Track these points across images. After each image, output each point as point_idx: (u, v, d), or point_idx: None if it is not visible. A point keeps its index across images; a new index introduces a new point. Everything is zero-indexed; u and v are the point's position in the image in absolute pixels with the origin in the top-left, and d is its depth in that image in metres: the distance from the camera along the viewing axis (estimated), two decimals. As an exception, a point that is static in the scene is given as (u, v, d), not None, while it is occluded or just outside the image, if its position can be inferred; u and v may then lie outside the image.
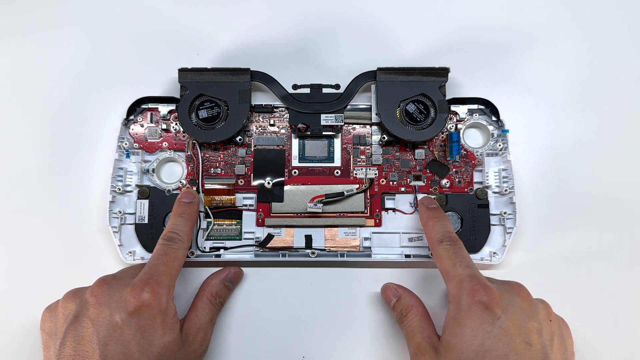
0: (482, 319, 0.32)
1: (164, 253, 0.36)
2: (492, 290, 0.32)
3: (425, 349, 0.34)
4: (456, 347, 0.32)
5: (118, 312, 0.32)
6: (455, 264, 0.34)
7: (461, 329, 0.32)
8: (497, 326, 0.31)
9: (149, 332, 0.33)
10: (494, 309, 0.32)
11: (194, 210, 0.39)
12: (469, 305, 0.32)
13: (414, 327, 0.36)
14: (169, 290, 0.35)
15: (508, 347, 0.31)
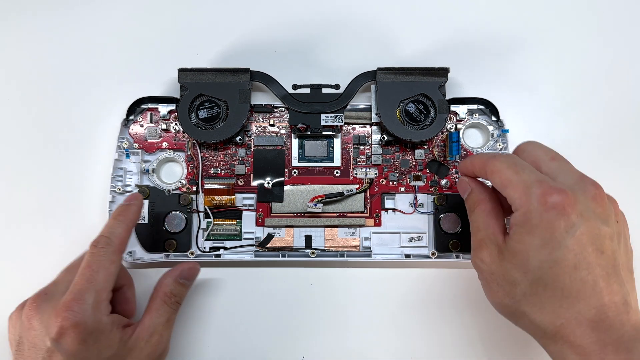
0: (554, 228, 0.28)
1: (87, 265, 0.33)
2: (567, 193, 0.29)
3: (486, 245, 0.32)
4: (521, 254, 0.29)
5: (47, 337, 0.31)
6: (517, 172, 0.30)
7: (530, 237, 0.29)
8: (571, 235, 0.28)
9: (81, 355, 0.31)
10: (570, 215, 0.28)
11: (132, 211, 0.37)
12: (540, 212, 0.29)
13: (479, 223, 0.33)
14: (96, 307, 0.32)
15: (579, 257, 0.28)
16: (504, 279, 0.30)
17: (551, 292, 0.29)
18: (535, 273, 0.29)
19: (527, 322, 0.30)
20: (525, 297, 0.29)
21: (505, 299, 0.31)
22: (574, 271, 0.28)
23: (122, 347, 0.33)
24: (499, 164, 0.31)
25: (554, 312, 0.29)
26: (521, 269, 0.29)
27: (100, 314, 0.33)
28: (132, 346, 0.34)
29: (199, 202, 0.42)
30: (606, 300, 0.28)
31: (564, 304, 0.28)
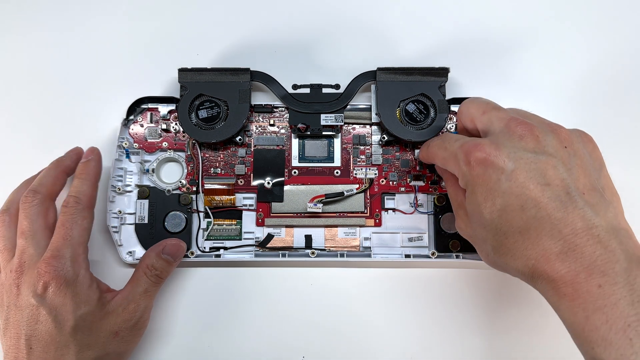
0: (486, 180, 0.29)
1: (61, 224, 0.36)
2: (486, 145, 0.30)
3: (457, 213, 0.35)
4: (475, 214, 0.31)
5: (32, 295, 0.34)
6: (445, 147, 0.33)
7: (474, 197, 0.30)
8: (505, 179, 0.29)
9: (61, 308, 0.34)
10: (495, 163, 0.29)
11: (92, 167, 0.39)
12: (469, 172, 0.30)
13: (451, 194, 0.36)
14: (74, 261, 0.35)
15: (522, 197, 0.28)
16: (476, 239, 0.32)
17: (512, 238, 0.29)
18: (491, 225, 0.30)
19: (511, 271, 0.31)
20: (496, 250, 0.30)
21: (488, 256, 0.32)
22: (522, 212, 0.28)
23: (99, 307, 0.36)
24: (432, 148, 0.35)
25: (523, 255, 0.29)
26: (481, 226, 0.31)
27: (78, 267, 0.35)
28: (109, 310, 0.36)
29: (199, 202, 0.42)
30: (567, 231, 0.27)
31: (528, 245, 0.28)
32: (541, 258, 0.28)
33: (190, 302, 0.42)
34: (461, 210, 0.34)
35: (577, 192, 0.28)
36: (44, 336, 0.34)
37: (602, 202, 0.29)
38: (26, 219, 0.36)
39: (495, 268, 0.32)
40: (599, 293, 0.26)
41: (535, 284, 0.29)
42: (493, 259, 0.31)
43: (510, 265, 0.30)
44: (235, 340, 0.41)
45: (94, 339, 0.35)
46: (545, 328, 0.42)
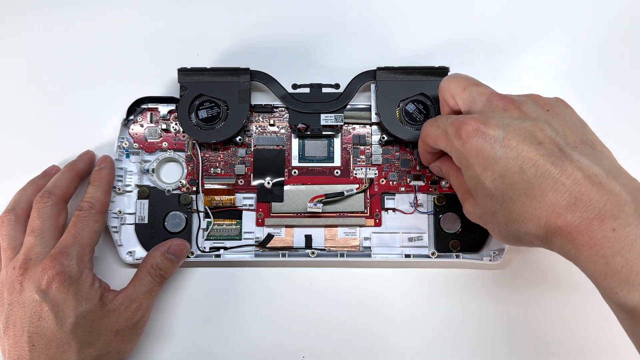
0: (481, 150, 0.30)
1: (73, 224, 0.37)
2: (474, 119, 0.31)
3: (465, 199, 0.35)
4: (478, 188, 0.31)
5: (35, 291, 0.34)
6: (436, 125, 0.33)
7: (472, 171, 0.31)
8: (499, 146, 0.29)
9: (63, 304, 0.35)
10: (486, 133, 0.30)
11: (106, 174, 0.40)
12: (462, 146, 0.31)
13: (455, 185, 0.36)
14: (80, 260, 0.36)
15: (519, 159, 0.29)
16: (487, 215, 0.32)
17: (519, 201, 0.29)
18: (496, 194, 0.30)
19: (527, 238, 0.30)
20: (507, 219, 0.30)
21: (502, 230, 0.32)
22: (523, 173, 0.29)
23: (100, 306, 0.36)
24: (425, 129, 0.35)
25: (533, 216, 0.29)
26: (487, 198, 0.31)
27: (83, 266, 0.36)
28: (111, 308, 0.36)
29: (199, 202, 0.42)
30: (569, 182, 0.28)
31: (536, 205, 0.28)
32: (551, 214, 0.28)
33: (190, 302, 0.42)
34: (467, 195, 0.34)
35: (569, 147, 0.29)
36: (46, 333, 0.34)
37: (595, 152, 0.29)
38: (38, 217, 0.37)
39: (510, 243, 0.32)
40: (614, 237, 0.26)
41: (552, 244, 0.29)
42: (507, 231, 0.31)
43: (523, 231, 0.29)
44: (235, 340, 0.41)
45: (95, 337, 0.35)
46: (545, 328, 0.42)
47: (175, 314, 0.42)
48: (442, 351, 0.41)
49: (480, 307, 0.42)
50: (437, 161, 0.38)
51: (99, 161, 0.41)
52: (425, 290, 0.42)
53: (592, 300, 0.42)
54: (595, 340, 0.41)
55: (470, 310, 0.42)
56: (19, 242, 0.37)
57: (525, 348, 0.41)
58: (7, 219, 0.38)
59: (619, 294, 0.26)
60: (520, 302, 0.42)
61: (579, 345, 0.41)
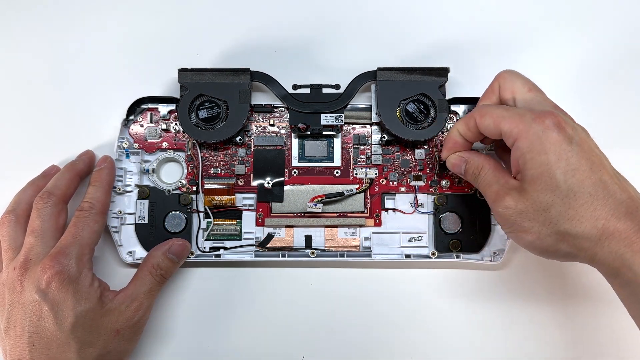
0: (560, 141, 0.31)
1: (73, 224, 0.37)
2: (555, 113, 0.32)
3: (505, 193, 0.33)
4: (544, 176, 0.31)
5: (35, 290, 0.35)
6: (507, 108, 0.33)
7: (544, 157, 0.31)
8: (575, 145, 0.31)
9: (62, 304, 0.35)
10: (566, 129, 0.31)
11: (106, 174, 0.40)
12: (543, 131, 0.31)
13: (490, 180, 0.34)
14: (79, 260, 0.36)
15: (589, 160, 0.31)
16: (534, 210, 0.31)
17: (581, 199, 0.30)
18: (563, 186, 0.30)
19: (570, 241, 0.31)
20: (562, 215, 0.30)
21: (543, 229, 0.31)
22: (592, 173, 0.30)
23: (100, 305, 0.36)
24: (486, 108, 0.34)
25: (592, 216, 0.30)
26: (549, 189, 0.31)
27: (82, 266, 0.36)
28: (111, 308, 0.36)
29: (199, 202, 0.42)
30: (625, 196, 0.30)
31: (597, 206, 0.30)
32: (611, 217, 0.30)
33: (190, 302, 0.42)
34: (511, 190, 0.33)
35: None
36: (46, 333, 0.34)
37: None
38: (38, 218, 0.37)
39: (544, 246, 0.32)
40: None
41: (602, 247, 0.30)
42: (552, 230, 0.31)
43: (574, 231, 0.30)
44: (235, 340, 0.41)
45: (95, 337, 0.35)
46: (545, 328, 0.42)
47: (175, 314, 0.42)
48: (442, 351, 0.41)
49: (480, 307, 0.42)
50: (465, 152, 0.37)
51: (99, 161, 0.41)
52: (425, 291, 0.42)
53: (592, 300, 0.42)
54: (595, 340, 0.41)
55: (470, 311, 0.42)
56: (20, 242, 0.37)
57: (525, 348, 0.41)
58: (7, 219, 0.38)
59: None
60: (520, 303, 0.42)
61: (579, 345, 0.41)
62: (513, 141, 0.32)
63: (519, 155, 0.32)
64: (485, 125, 0.34)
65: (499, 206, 0.33)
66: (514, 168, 0.33)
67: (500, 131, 0.33)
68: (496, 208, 0.33)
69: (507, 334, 0.42)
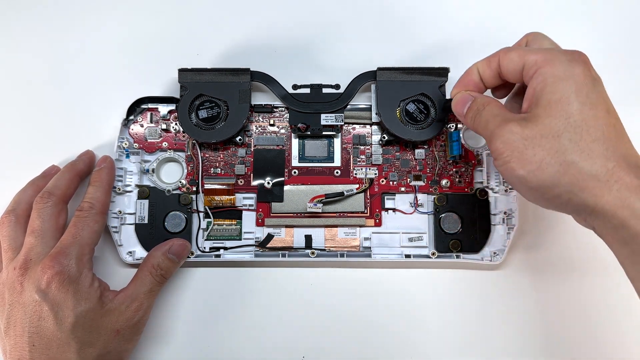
0: (585, 75, 0.30)
1: (73, 224, 0.37)
2: (585, 55, 0.31)
3: (510, 120, 0.31)
4: (561, 101, 0.29)
5: (35, 291, 0.35)
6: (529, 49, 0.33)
7: (566, 83, 0.30)
8: (598, 85, 0.30)
9: (62, 304, 0.35)
10: (592, 70, 0.31)
11: (106, 174, 0.40)
12: (569, 61, 0.30)
13: (495, 112, 0.32)
14: (79, 260, 0.36)
15: (608, 104, 0.30)
16: (542, 137, 0.29)
17: (595, 134, 0.29)
18: (578, 116, 0.29)
19: (574, 175, 0.29)
20: (573, 144, 0.29)
21: (548, 157, 0.29)
22: (608, 115, 0.30)
23: (99, 306, 0.36)
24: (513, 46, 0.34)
25: (603, 155, 0.29)
26: (563, 115, 0.29)
27: (82, 266, 0.36)
28: (111, 308, 0.36)
29: (199, 202, 0.42)
30: (636, 152, 0.30)
31: (610, 147, 0.29)
32: (622, 162, 0.28)
33: (190, 302, 0.42)
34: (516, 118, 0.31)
35: None
36: (46, 333, 0.34)
37: None
38: (39, 218, 0.37)
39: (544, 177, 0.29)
40: None
41: (609, 190, 0.28)
42: (557, 159, 0.29)
43: (582, 164, 0.28)
44: (235, 340, 0.41)
45: (95, 337, 0.35)
46: (545, 328, 0.41)
47: (175, 314, 0.42)
48: (443, 351, 0.41)
49: (480, 307, 0.42)
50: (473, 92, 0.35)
51: (99, 161, 0.41)
52: (425, 291, 0.42)
53: (592, 300, 0.42)
54: (596, 338, 0.41)
55: (470, 311, 0.42)
56: (20, 242, 0.37)
57: (525, 348, 0.41)
58: (7, 219, 0.38)
59: None
60: (520, 303, 0.42)
61: (579, 345, 0.41)
62: (536, 70, 0.31)
63: (540, 82, 0.31)
64: (509, 59, 0.33)
65: (504, 130, 0.31)
66: (527, 102, 0.31)
67: (523, 65, 0.32)
68: (499, 133, 0.31)
69: (507, 334, 0.42)
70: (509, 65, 0.33)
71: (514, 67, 0.32)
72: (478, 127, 0.33)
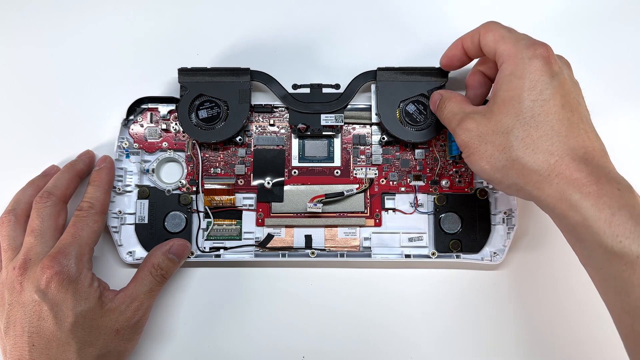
0: (542, 71, 0.31)
1: (73, 224, 0.37)
2: (549, 47, 0.32)
3: (468, 117, 0.34)
4: (513, 99, 0.31)
5: (35, 290, 0.35)
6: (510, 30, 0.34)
7: (520, 81, 0.31)
8: (556, 80, 0.31)
9: (62, 304, 0.35)
10: (553, 64, 0.31)
11: (105, 174, 0.40)
12: (529, 58, 0.31)
13: (454, 109, 0.35)
14: (78, 260, 0.36)
15: (565, 98, 0.31)
16: (494, 133, 0.32)
17: (542, 130, 0.31)
18: (528, 113, 0.31)
19: (519, 170, 0.31)
20: (519, 141, 0.31)
21: (497, 153, 0.32)
22: (562, 110, 0.31)
23: (99, 305, 0.36)
24: (494, 24, 0.35)
25: (547, 150, 0.30)
26: (513, 113, 0.31)
27: (82, 266, 0.36)
28: (111, 307, 0.36)
29: (199, 202, 0.42)
30: (591, 143, 0.31)
31: (555, 142, 0.30)
32: (566, 157, 0.30)
33: (190, 302, 0.42)
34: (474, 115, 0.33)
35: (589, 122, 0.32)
36: (46, 333, 0.34)
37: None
38: (38, 217, 0.37)
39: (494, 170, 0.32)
40: (619, 195, 0.29)
41: (549, 184, 0.30)
42: (505, 155, 0.31)
43: (525, 160, 0.30)
44: (235, 340, 0.41)
45: (95, 337, 0.35)
46: (544, 328, 0.42)
47: (176, 314, 0.42)
48: (442, 351, 0.41)
49: (480, 307, 0.42)
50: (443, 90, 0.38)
51: (99, 161, 0.41)
52: (425, 291, 0.42)
53: (592, 300, 0.42)
54: (596, 338, 0.41)
55: (470, 311, 0.42)
56: (19, 242, 0.37)
57: (525, 348, 0.41)
58: (7, 219, 0.38)
59: (624, 242, 0.28)
60: (520, 303, 0.42)
61: (579, 345, 0.41)
62: (501, 63, 0.33)
63: (500, 77, 0.33)
64: (486, 41, 0.34)
65: (461, 128, 0.34)
66: (492, 92, 0.34)
67: (495, 51, 0.33)
68: (458, 131, 0.34)
69: (507, 334, 0.42)
70: (485, 47, 0.35)
71: (489, 51, 0.34)
72: (446, 124, 0.36)
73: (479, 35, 0.35)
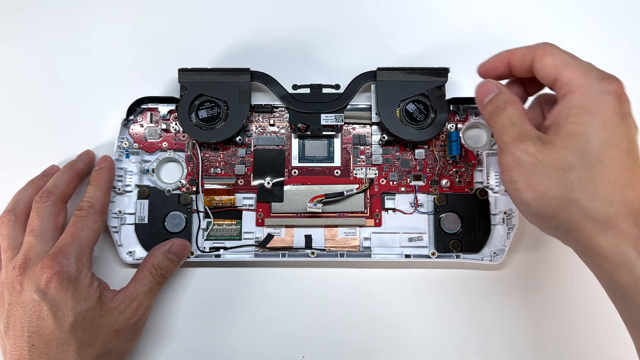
0: (614, 110, 0.28)
1: (72, 224, 0.37)
2: (622, 84, 0.29)
3: (527, 137, 0.30)
4: (581, 136, 0.28)
5: (35, 290, 0.35)
6: (573, 57, 0.31)
7: (590, 117, 0.28)
8: (626, 122, 0.29)
9: (62, 304, 0.35)
10: (624, 104, 0.29)
11: (105, 174, 0.40)
12: (602, 93, 0.29)
13: (513, 119, 0.31)
14: (78, 259, 0.36)
15: (630, 144, 0.29)
16: (554, 167, 0.29)
17: (606, 176, 0.28)
18: (594, 155, 0.28)
19: (574, 213, 0.28)
20: (580, 183, 0.28)
21: (553, 189, 0.29)
22: (627, 157, 0.28)
23: (99, 305, 0.36)
24: (553, 47, 0.31)
25: (607, 199, 0.28)
26: (579, 152, 0.28)
27: (81, 266, 0.36)
28: (111, 307, 0.36)
29: (199, 202, 0.42)
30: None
31: (616, 191, 0.28)
32: (624, 209, 0.28)
33: (190, 302, 0.42)
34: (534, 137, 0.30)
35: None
36: (45, 333, 0.34)
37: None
38: (38, 217, 0.37)
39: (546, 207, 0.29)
40: None
41: (604, 235, 0.28)
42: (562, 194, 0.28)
43: (584, 204, 0.28)
44: (235, 341, 0.41)
45: (95, 337, 0.35)
46: (544, 328, 0.42)
47: (175, 314, 0.42)
48: (442, 351, 0.41)
49: (480, 307, 0.42)
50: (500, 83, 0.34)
51: (99, 161, 0.41)
52: (425, 291, 0.42)
53: (592, 300, 0.42)
54: (596, 338, 0.41)
55: (470, 311, 0.42)
56: (19, 242, 0.37)
57: (525, 348, 0.41)
58: (6, 219, 0.38)
59: None
60: (520, 303, 0.42)
61: (579, 345, 0.41)
62: (566, 92, 0.30)
63: (566, 107, 0.29)
64: (542, 65, 0.31)
65: (518, 148, 0.30)
66: (551, 120, 0.30)
67: (556, 77, 0.30)
68: (512, 149, 0.30)
69: (507, 334, 0.42)
70: (541, 72, 0.31)
71: (546, 76, 0.31)
72: (493, 127, 0.32)
73: (532, 56, 0.32)
